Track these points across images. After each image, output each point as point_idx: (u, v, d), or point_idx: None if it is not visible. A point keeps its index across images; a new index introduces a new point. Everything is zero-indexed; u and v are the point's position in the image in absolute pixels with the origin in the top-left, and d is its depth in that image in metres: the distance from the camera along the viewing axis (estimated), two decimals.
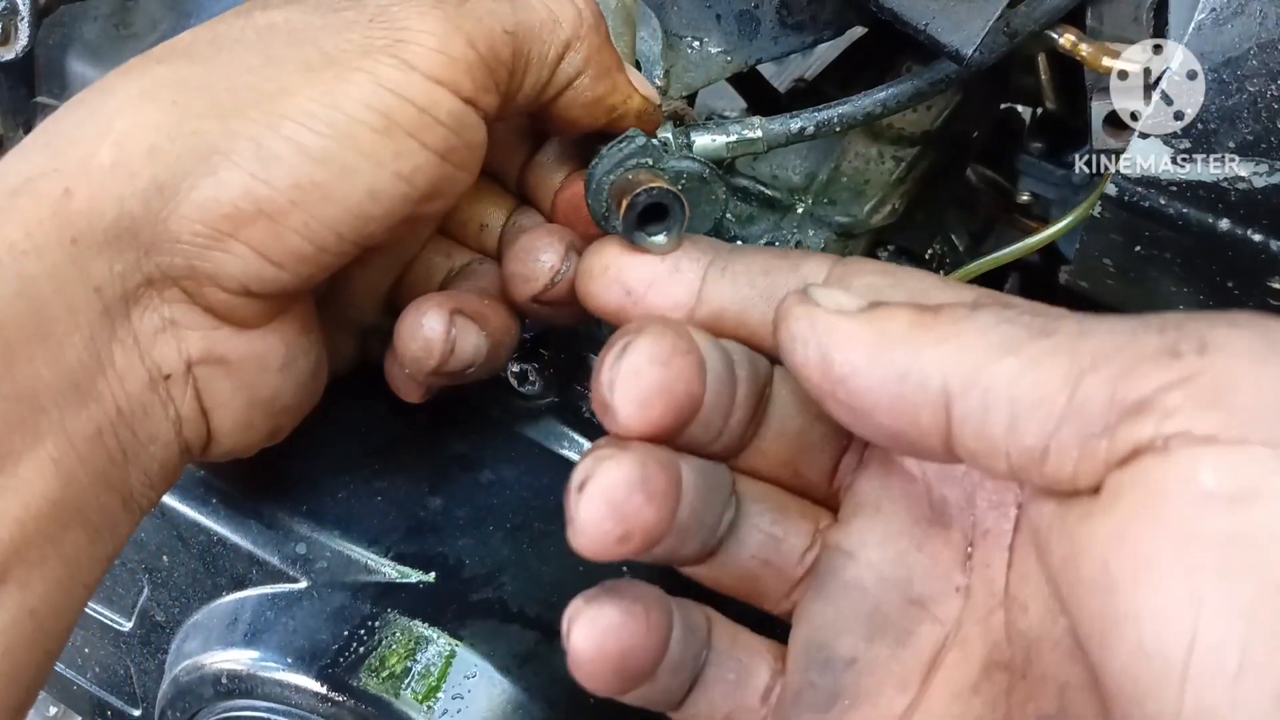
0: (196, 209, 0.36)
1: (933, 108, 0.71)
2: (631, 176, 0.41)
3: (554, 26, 0.40)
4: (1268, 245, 0.51)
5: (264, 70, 0.36)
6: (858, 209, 0.70)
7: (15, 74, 0.80)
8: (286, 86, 0.36)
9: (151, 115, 0.36)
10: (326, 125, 0.36)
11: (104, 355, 0.36)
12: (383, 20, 0.37)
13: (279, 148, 0.35)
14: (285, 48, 0.37)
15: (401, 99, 0.36)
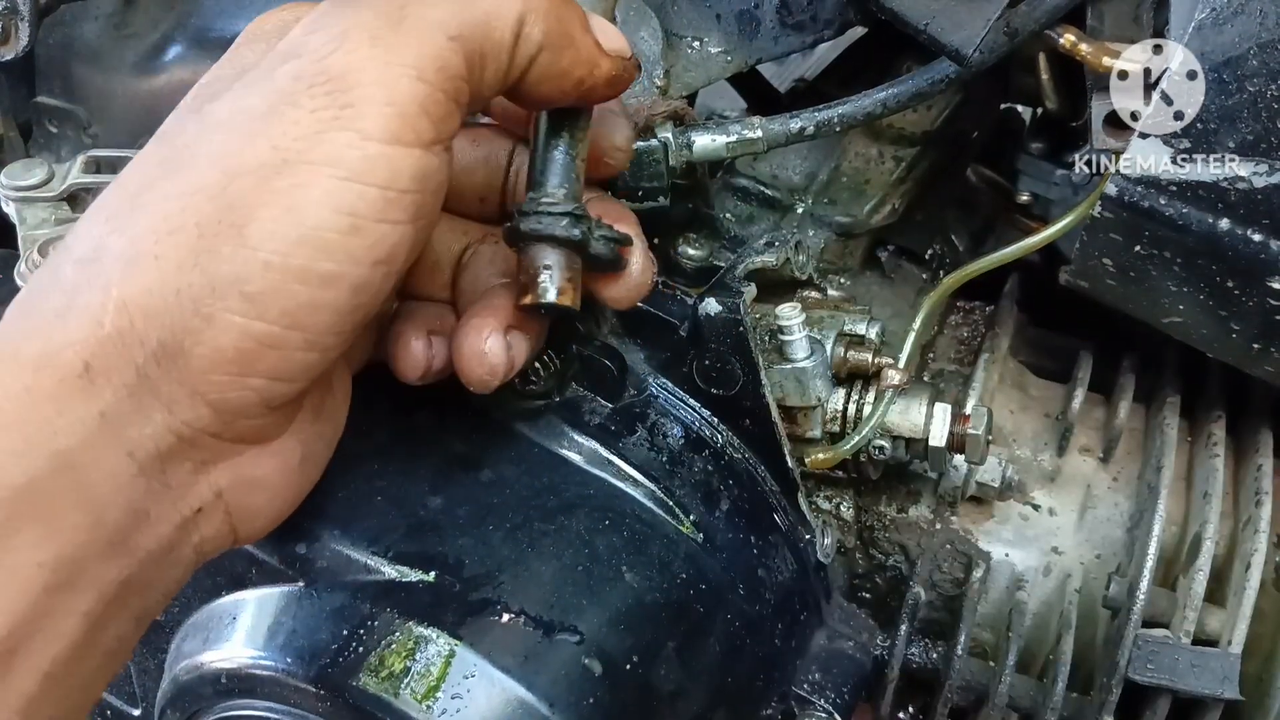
0: (204, 360, 0.36)
1: (933, 108, 0.71)
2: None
3: (499, 6, 0.38)
4: (1267, 245, 0.51)
5: (225, 195, 0.36)
6: (858, 209, 0.70)
7: (15, 73, 0.80)
8: (250, 211, 0.35)
9: (140, 279, 0.36)
10: (297, 244, 0.35)
11: (140, 512, 0.37)
12: (324, 83, 0.36)
13: (259, 282, 0.35)
14: (238, 155, 0.36)
15: (364, 186, 0.36)
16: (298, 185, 0.35)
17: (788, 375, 0.57)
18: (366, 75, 0.35)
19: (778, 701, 0.57)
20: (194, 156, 0.37)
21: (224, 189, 0.35)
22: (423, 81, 0.36)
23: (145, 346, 0.35)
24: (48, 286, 0.37)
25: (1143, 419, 0.70)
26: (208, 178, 0.36)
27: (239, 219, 0.35)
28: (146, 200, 0.37)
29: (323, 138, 0.35)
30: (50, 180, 0.55)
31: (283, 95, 0.36)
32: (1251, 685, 0.61)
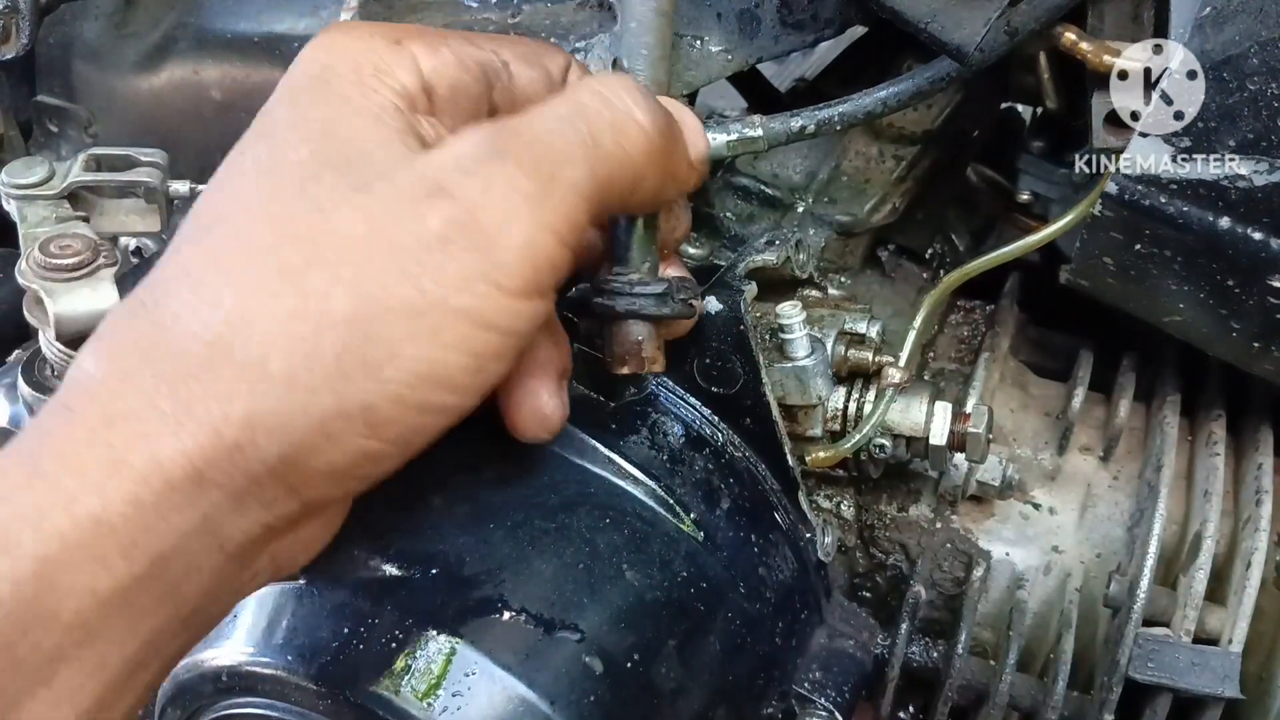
0: (318, 473, 0.37)
1: (933, 106, 0.71)
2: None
3: (624, 167, 0.40)
4: (1268, 243, 0.51)
5: (366, 329, 0.35)
6: (858, 207, 0.70)
7: (16, 72, 0.80)
8: (390, 348, 0.36)
9: (268, 398, 0.35)
10: (427, 382, 0.36)
11: (214, 590, 0.38)
12: (476, 235, 0.36)
13: (386, 411, 0.36)
14: (383, 291, 0.36)
15: (494, 331, 0.37)
16: (437, 330, 0.36)
17: (788, 374, 0.57)
18: (516, 235, 0.37)
19: (778, 700, 0.57)
20: (329, 278, 0.36)
21: (367, 323, 0.36)
22: (562, 244, 0.38)
23: (264, 460, 0.36)
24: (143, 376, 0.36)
25: (1143, 418, 0.70)
26: (348, 308, 0.36)
27: (379, 355, 0.36)
28: (274, 312, 0.36)
29: (466, 286, 0.36)
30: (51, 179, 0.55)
31: (435, 238, 0.36)
32: (1252, 684, 0.61)
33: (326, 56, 0.41)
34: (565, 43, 0.64)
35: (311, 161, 0.38)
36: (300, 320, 0.35)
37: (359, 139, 0.38)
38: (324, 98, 0.39)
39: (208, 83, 0.76)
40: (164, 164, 0.58)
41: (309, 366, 0.35)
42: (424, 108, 0.40)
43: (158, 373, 0.36)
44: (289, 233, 0.36)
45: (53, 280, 0.50)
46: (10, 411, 0.55)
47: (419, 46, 0.40)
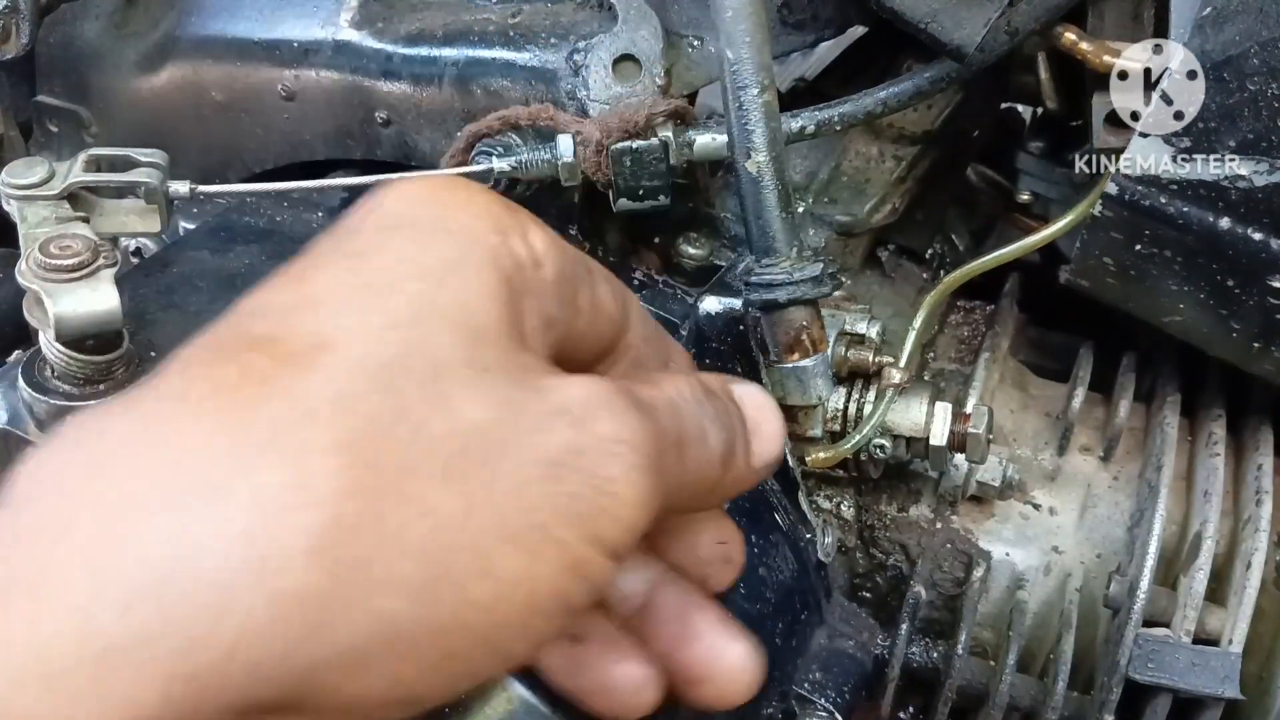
0: (346, 701, 0.29)
1: (933, 107, 0.71)
2: None
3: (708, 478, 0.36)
4: (1268, 244, 0.51)
5: (460, 535, 0.29)
6: (858, 208, 0.70)
7: (16, 73, 0.80)
8: (480, 569, 0.29)
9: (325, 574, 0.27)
10: (506, 628, 0.30)
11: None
12: (592, 470, 0.31)
13: (457, 644, 0.30)
14: (484, 499, 0.29)
15: (582, 581, 0.31)
16: (533, 562, 0.30)
17: (788, 374, 0.57)
18: (632, 494, 0.32)
19: (778, 700, 0.57)
20: (429, 457, 0.29)
21: (461, 525, 0.29)
22: (652, 515, 0.33)
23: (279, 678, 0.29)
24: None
25: (1143, 418, 0.70)
26: (445, 503, 0.29)
27: (473, 569, 0.30)
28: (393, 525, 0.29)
29: (569, 526, 0.31)
30: (51, 179, 0.55)
31: (554, 459, 0.31)
32: (1252, 684, 0.61)
33: (453, 198, 0.34)
34: (565, 42, 0.64)
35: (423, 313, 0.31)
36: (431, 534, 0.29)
37: (481, 313, 0.32)
38: (445, 246, 0.33)
39: (208, 83, 0.76)
40: (164, 164, 0.57)
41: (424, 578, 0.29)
42: (533, 291, 0.34)
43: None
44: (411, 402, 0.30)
45: (53, 281, 0.50)
46: (9, 413, 0.55)
47: (531, 220, 0.35)
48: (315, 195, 0.71)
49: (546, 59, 0.64)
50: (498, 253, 0.33)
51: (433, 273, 0.31)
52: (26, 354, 0.55)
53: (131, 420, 0.28)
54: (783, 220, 0.53)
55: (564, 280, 0.35)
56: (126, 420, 0.29)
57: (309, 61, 0.71)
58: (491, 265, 0.32)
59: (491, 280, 0.32)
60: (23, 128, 0.83)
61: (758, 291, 0.53)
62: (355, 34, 0.70)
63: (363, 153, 0.72)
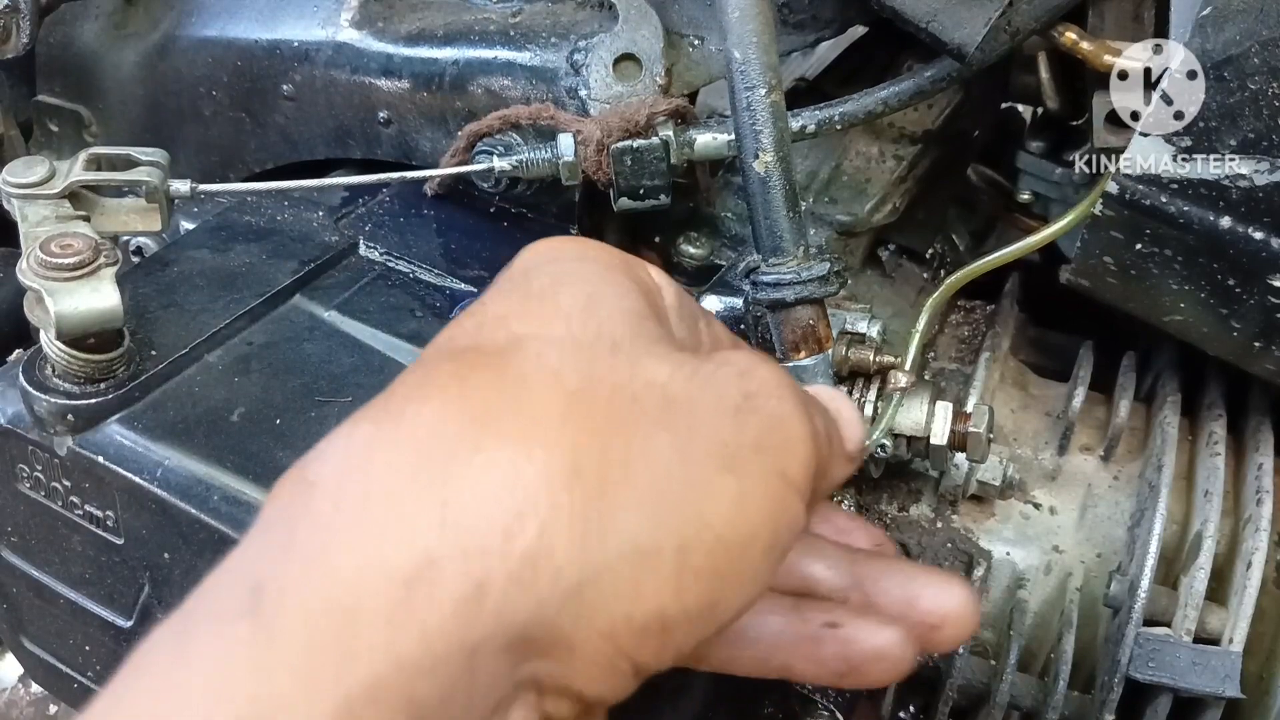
0: (608, 624, 0.31)
1: (934, 106, 0.71)
2: None
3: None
4: (1268, 243, 0.51)
5: (679, 467, 0.32)
6: (859, 207, 0.70)
7: (16, 72, 0.80)
8: (704, 493, 0.32)
9: (581, 498, 0.30)
10: (735, 547, 0.32)
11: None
12: (761, 407, 0.35)
13: (698, 561, 0.32)
14: (691, 436, 0.33)
15: (780, 508, 0.34)
16: (743, 494, 0.33)
17: (790, 373, 0.57)
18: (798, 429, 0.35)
19: (779, 700, 0.57)
20: (634, 408, 0.33)
21: (676, 460, 0.32)
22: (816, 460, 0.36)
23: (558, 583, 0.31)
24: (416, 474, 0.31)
25: (1143, 417, 0.70)
26: (656, 440, 0.32)
27: (694, 496, 0.32)
28: (576, 420, 0.32)
29: (761, 457, 0.34)
30: (52, 178, 0.55)
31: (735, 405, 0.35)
32: (1252, 684, 0.61)
33: (570, 245, 0.38)
34: (566, 42, 0.64)
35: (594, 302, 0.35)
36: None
37: (636, 305, 0.36)
38: (588, 269, 0.37)
39: (208, 82, 0.76)
40: (164, 164, 0.57)
41: (628, 486, 0.31)
42: (660, 306, 0.38)
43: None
44: (603, 364, 0.33)
45: (53, 280, 0.50)
46: (11, 412, 0.55)
47: (635, 259, 0.39)
48: (315, 195, 0.71)
49: (547, 58, 0.64)
50: (630, 273, 0.38)
51: (588, 281, 0.36)
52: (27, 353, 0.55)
53: (382, 423, 0.32)
54: (790, 220, 0.53)
55: (682, 307, 0.40)
56: (378, 425, 0.32)
57: (309, 61, 0.71)
58: (630, 279, 0.37)
59: (634, 287, 0.37)
60: (23, 128, 0.83)
61: (765, 291, 0.53)
62: (355, 34, 0.70)
63: (363, 153, 0.72)
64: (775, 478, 0.34)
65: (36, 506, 0.57)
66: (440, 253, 0.67)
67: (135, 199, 0.57)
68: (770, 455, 0.34)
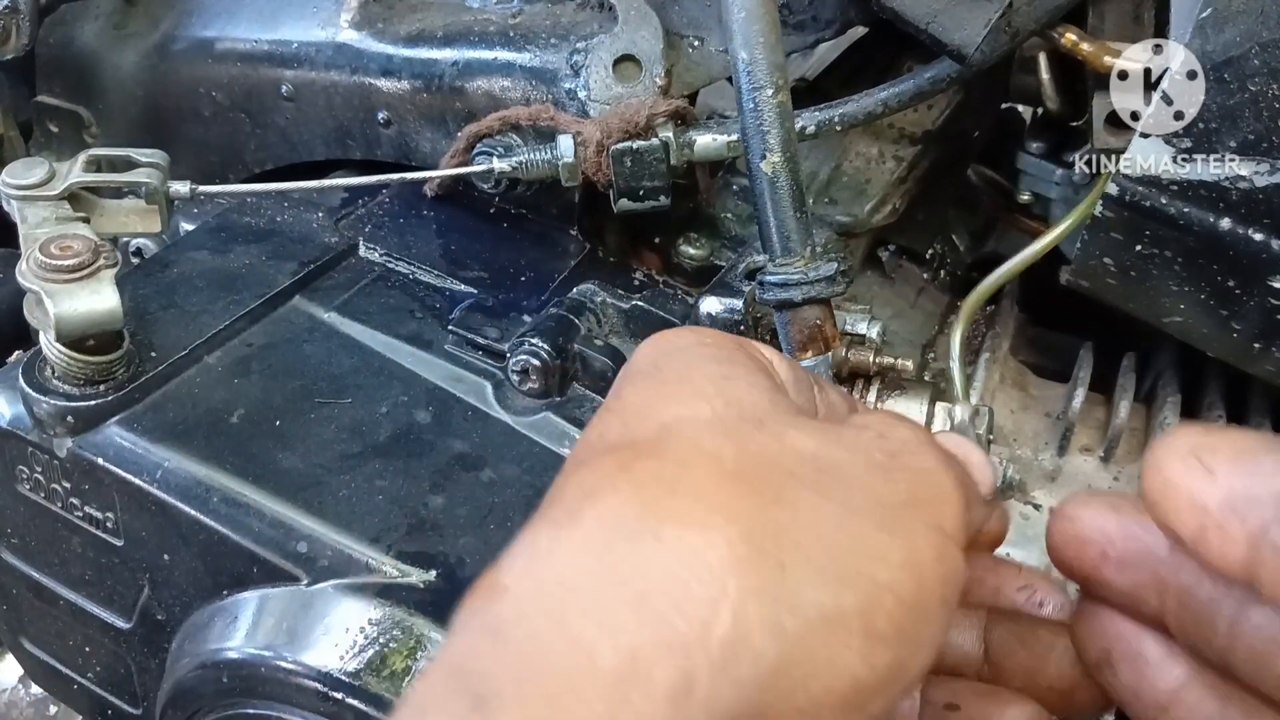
0: (808, 699, 0.31)
1: (934, 107, 0.71)
2: None
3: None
4: (1269, 244, 0.51)
5: (845, 533, 0.32)
6: (859, 208, 0.70)
7: (15, 73, 0.80)
8: (873, 555, 0.32)
9: (765, 575, 0.31)
10: (912, 604, 0.32)
11: None
12: (907, 464, 0.35)
13: (881, 624, 0.32)
14: (848, 495, 0.33)
15: (948, 563, 0.34)
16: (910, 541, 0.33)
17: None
18: (946, 482, 0.35)
19: None
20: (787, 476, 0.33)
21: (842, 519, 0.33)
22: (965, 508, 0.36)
23: (760, 663, 0.31)
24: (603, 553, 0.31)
25: (1143, 418, 0.70)
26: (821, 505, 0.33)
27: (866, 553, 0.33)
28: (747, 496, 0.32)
29: (918, 511, 0.34)
30: (51, 179, 0.55)
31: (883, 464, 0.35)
32: None
33: (684, 335, 0.39)
34: (566, 43, 0.64)
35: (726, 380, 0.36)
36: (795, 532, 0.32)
37: (765, 381, 0.37)
38: (712, 350, 0.37)
39: (208, 83, 0.76)
40: (164, 164, 0.58)
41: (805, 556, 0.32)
42: (781, 384, 0.38)
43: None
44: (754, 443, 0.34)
45: (53, 281, 0.50)
46: (11, 413, 0.55)
47: (745, 339, 0.40)
48: (315, 195, 0.71)
49: (547, 59, 0.64)
50: (747, 352, 0.38)
51: (716, 362, 0.37)
52: (27, 354, 0.55)
53: (561, 525, 0.32)
54: (797, 220, 0.53)
55: (798, 380, 0.40)
56: (558, 528, 0.32)
57: (309, 62, 0.71)
58: (749, 357, 0.38)
59: (756, 365, 0.37)
60: (23, 128, 0.83)
61: (772, 291, 0.53)
62: (355, 34, 0.70)
63: (363, 153, 0.72)
64: (934, 531, 0.34)
65: (36, 508, 0.57)
66: (440, 254, 0.67)
67: (135, 200, 0.57)
68: (926, 510, 0.34)
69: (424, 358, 0.60)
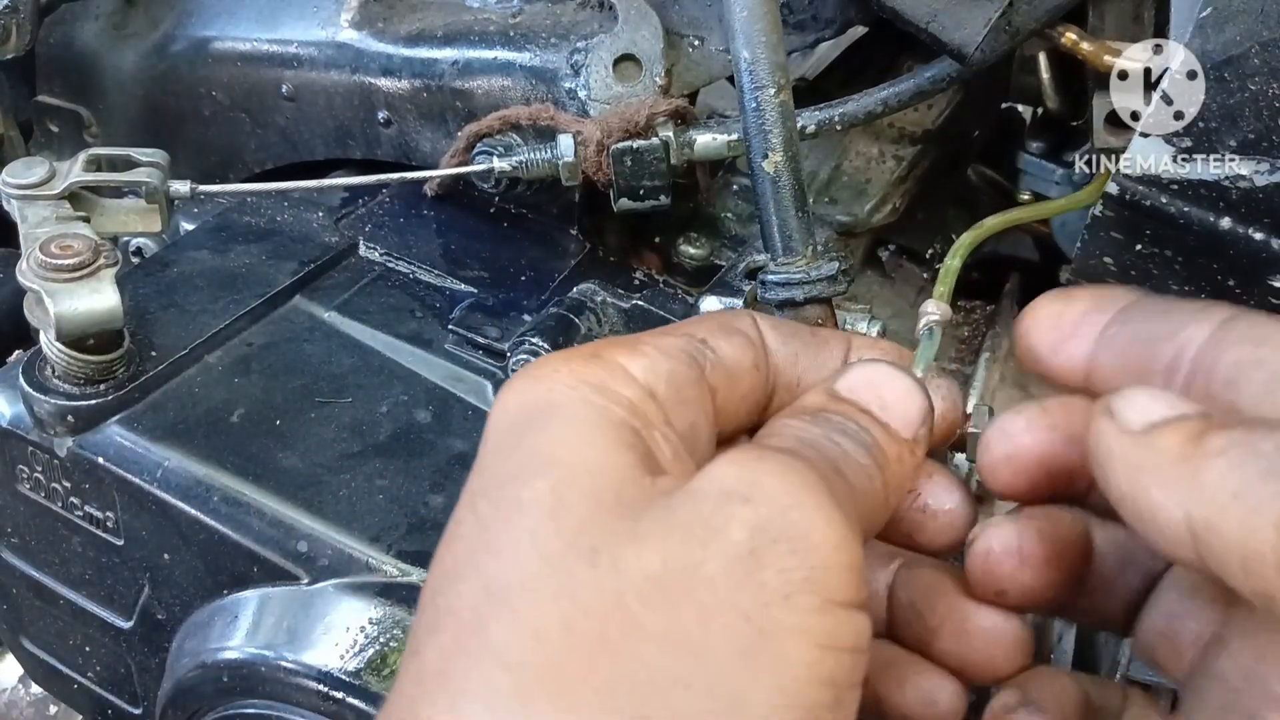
0: None
1: (934, 107, 0.71)
2: None
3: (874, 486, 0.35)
4: (1269, 243, 0.51)
5: (701, 681, 0.29)
6: (859, 208, 0.70)
7: (16, 73, 0.80)
8: (738, 697, 0.29)
9: None
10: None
11: None
12: (789, 540, 0.31)
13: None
14: (704, 630, 0.29)
15: (842, 652, 0.31)
16: (783, 659, 0.30)
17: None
18: (827, 536, 0.31)
19: None
20: (629, 630, 0.30)
21: (695, 673, 0.29)
22: (859, 546, 0.32)
23: None
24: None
25: None
26: (666, 661, 0.29)
27: (724, 709, 0.29)
28: (567, 691, 0.29)
29: (792, 603, 0.30)
30: (52, 179, 0.55)
31: (743, 552, 0.30)
32: None
33: (535, 390, 0.34)
34: (566, 42, 0.64)
35: (559, 503, 0.31)
36: (615, 695, 0.29)
37: (608, 472, 0.32)
38: (552, 435, 0.33)
39: (208, 83, 0.76)
40: (164, 164, 0.58)
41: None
42: (656, 418, 0.34)
43: None
44: (572, 594, 0.30)
45: (53, 280, 0.50)
46: (11, 413, 0.55)
47: (619, 353, 0.35)
48: (315, 195, 0.71)
49: (547, 59, 0.64)
50: (605, 397, 0.33)
51: (556, 454, 0.32)
52: (27, 354, 0.55)
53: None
54: (799, 219, 0.53)
55: (680, 384, 0.35)
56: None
57: (309, 62, 0.71)
58: (605, 412, 0.33)
59: (609, 427, 0.33)
60: (23, 128, 0.83)
61: (774, 290, 0.53)
62: (355, 34, 0.70)
63: (363, 153, 0.72)
64: (817, 614, 0.30)
65: (36, 507, 0.57)
66: (440, 253, 0.67)
67: (135, 200, 0.57)
68: (804, 593, 0.30)
69: (424, 357, 0.60)
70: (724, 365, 0.37)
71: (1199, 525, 0.30)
